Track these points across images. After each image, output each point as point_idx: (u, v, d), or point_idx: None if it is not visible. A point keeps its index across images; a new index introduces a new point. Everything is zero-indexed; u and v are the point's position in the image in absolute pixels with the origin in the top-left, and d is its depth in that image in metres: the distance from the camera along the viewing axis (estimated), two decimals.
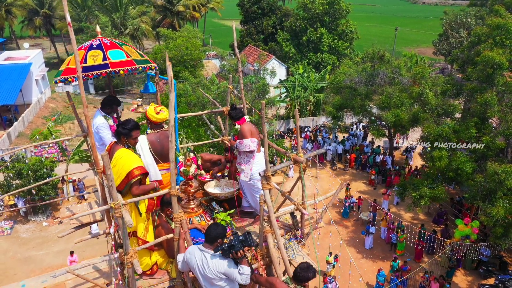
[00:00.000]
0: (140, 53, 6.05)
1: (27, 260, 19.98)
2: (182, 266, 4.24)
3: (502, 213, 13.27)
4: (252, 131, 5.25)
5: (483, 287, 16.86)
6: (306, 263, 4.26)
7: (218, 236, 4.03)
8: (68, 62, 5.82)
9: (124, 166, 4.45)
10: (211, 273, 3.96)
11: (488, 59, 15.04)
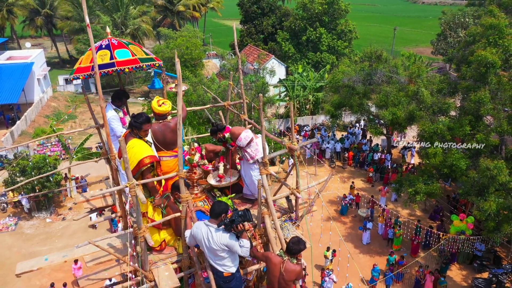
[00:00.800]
0: (145, 52, 6.45)
1: (31, 256, 20.33)
2: (189, 240, 4.69)
3: (494, 208, 13.69)
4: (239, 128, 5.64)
5: (477, 281, 17.27)
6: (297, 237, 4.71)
7: (221, 212, 4.48)
8: (80, 61, 6.24)
9: (135, 155, 4.89)
10: (215, 245, 4.41)
11: (481, 58, 15.47)
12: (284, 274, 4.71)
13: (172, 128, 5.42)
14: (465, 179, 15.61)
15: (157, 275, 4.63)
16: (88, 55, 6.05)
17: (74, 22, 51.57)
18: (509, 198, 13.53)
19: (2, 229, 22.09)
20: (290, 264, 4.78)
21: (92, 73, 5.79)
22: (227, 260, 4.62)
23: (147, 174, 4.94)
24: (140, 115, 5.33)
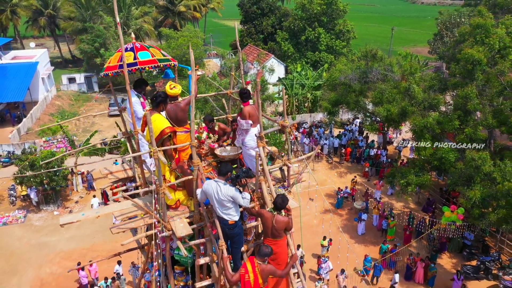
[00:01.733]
0: (163, 54, 7.42)
1: (40, 246, 21.29)
2: (201, 196, 5.61)
3: (479, 196, 14.57)
4: (250, 113, 6.53)
5: (465, 267, 18.17)
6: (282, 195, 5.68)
7: (228, 171, 5.41)
8: (109, 61, 7.24)
9: (158, 126, 5.83)
10: (223, 196, 5.34)
11: (468, 56, 16.35)
12: (275, 225, 5.63)
13: (182, 107, 6.34)
14: (453, 170, 16.51)
15: (174, 226, 5.56)
16: (115, 56, 7.03)
17: (77, 23, 52.36)
18: (493, 187, 14.42)
19: (12, 221, 22.98)
20: (280, 217, 5.71)
21: (119, 70, 6.74)
22: (231, 210, 5.51)
23: (167, 142, 5.89)
24: (159, 95, 6.32)
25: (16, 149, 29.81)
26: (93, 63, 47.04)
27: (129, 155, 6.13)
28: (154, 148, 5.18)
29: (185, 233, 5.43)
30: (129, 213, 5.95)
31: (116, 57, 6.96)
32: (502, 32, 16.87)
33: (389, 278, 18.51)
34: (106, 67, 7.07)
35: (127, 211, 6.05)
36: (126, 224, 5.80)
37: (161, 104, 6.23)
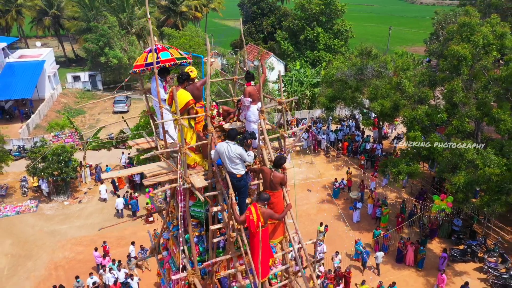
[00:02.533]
0: (180, 53, 8.63)
1: (53, 233, 22.48)
2: (214, 156, 6.79)
3: (463, 181, 15.74)
4: (251, 93, 7.70)
5: (453, 251, 19.37)
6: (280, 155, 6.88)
7: (235, 134, 6.61)
8: (137, 60, 8.46)
9: (184, 99, 7.06)
10: (232, 154, 6.52)
11: (454, 53, 17.53)
12: (273, 179, 6.83)
13: (197, 87, 7.52)
14: (441, 159, 17.68)
15: (193, 180, 6.74)
16: (142, 56, 8.29)
17: (81, 22, 53.54)
18: (475, 172, 15.59)
19: (25, 211, 24.17)
20: (277, 173, 6.92)
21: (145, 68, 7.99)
22: (239, 165, 6.68)
23: (191, 111, 7.14)
24: (184, 74, 7.59)
25: (25, 144, 31.01)
26: (97, 62, 48.21)
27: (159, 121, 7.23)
28: (178, 117, 6.37)
29: (201, 185, 6.62)
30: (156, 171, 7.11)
31: (142, 57, 8.19)
32: (487, 30, 18.06)
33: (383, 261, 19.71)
34: (134, 65, 8.30)
35: (154, 170, 7.21)
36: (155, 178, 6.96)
37: (185, 81, 7.49)
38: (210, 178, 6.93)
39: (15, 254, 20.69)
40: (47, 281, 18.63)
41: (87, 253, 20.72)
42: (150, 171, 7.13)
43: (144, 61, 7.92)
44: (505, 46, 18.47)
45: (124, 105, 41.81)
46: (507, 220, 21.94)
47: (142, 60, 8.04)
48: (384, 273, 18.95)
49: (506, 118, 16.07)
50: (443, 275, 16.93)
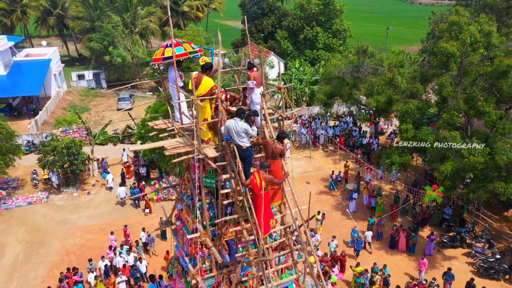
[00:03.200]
0: (193, 47, 9.69)
1: (63, 222, 23.62)
2: (224, 131, 7.89)
3: (450, 169, 16.85)
4: (254, 77, 8.79)
5: (443, 237, 20.51)
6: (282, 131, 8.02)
7: (242, 112, 7.70)
8: (155, 54, 9.49)
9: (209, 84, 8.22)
10: (239, 128, 7.62)
11: (443, 50, 18.64)
12: (274, 150, 7.96)
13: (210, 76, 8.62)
14: (430, 150, 18.80)
15: (206, 151, 7.83)
16: (160, 51, 9.31)
17: (86, 22, 54.67)
18: (462, 161, 16.70)
19: (36, 201, 25.30)
20: (277, 145, 8.06)
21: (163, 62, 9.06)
22: (245, 139, 7.77)
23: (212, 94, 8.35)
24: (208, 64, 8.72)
25: (34, 139, 32.15)
26: (101, 61, 49.37)
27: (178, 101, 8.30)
28: (194, 97, 7.49)
29: (213, 155, 7.72)
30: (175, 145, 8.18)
31: (160, 51, 9.25)
32: (474, 29, 19.16)
33: (375, 247, 20.85)
34: (153, 59, 9.37)
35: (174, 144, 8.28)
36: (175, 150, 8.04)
37: (208, 70, 8.66)
38: (220, 151, 8.03)
39: (29, 241, 21.82)
40: (59, 265, 19.73)
41: (97, 240, 21.87)
42: (170, 144, 8.21)
43: (161, 55, 8.99)
44: (492, 44, 19.60)
45: (128, 102, 42.96)
46: (495, 209, 23.10)
47: (160, 54, 9.10)
48: (378, 258, 20.04)
49: (491, 110, 17.19)
50: (424, 259, 18.03)
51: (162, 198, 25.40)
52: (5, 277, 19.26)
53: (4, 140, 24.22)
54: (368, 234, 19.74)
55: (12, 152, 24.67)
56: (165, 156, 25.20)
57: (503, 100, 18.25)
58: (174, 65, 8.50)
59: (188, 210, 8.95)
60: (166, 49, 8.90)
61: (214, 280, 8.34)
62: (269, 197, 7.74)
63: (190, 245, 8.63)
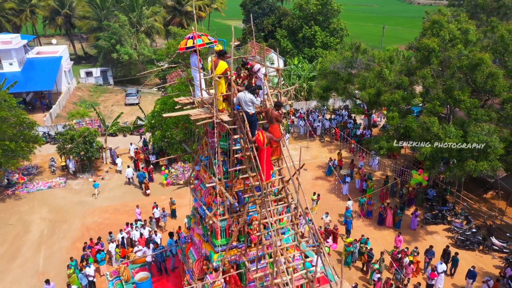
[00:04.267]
0: (209, 38, 11.76)
1: (81, 203, 25.83)
2: (236, 101, 10.03)
3: (429, 150, 19.03)
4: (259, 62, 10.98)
5: (426, 215, 22.73)
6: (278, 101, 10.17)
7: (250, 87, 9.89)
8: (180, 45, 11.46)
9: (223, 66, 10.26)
10: (247, 98, 9.76)
11: (424, 45, 20.85)
12: (271, 114, 10.11)
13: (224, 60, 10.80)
14: (414, 134, 20.99)
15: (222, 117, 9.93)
16: (184, 42, 11.31)
17: (93, 21, 56.94)
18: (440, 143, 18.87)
19: (55, 186, 27.53)
20: (274, 111, 10.20)
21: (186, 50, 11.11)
22: (251, 107, 9.86)
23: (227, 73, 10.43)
24: (223, 51, 10.76)
25: (50, 130, 34.39)
26: (109, 58, 51.62)
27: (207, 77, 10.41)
28: (214, 75, 9.67)
29: (227, 120, 9.84)
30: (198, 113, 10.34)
31: (183, 42, 11.29)
32: (453, 27, 21.35)
33: (365, 224, 23.08)
34: (178, 48, 11.43)
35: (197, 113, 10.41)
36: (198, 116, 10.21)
37: (222, 55, 10.74)
38: (232, 117, 10.15)
39: (52, 219, 24.06)
40: (81, 239, 21.93)
41: (113, 218, 24.09)
42: (194, 113, 10.36)
43: (185, 45, 11.11)
44: (469, 40, 21.81)
45: (135, 97, 45.17)
46: (475, 191, 25.33)
47: (184, 44, 11.21)
48: (367, 233, 22.21)
49: (466, 99, 19.37)
50: (400, 236, 20.18)
51: (171, 182, 27.60)
52: (33, 248, 21.51)
53: (26, 129, 26.43)
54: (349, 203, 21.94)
55: (33, 140, 26.86)
56: (173, 144, 27.65)
57: (477, 90, 20.45)
58: (197, 53, 10.64)
59: (205, 168, 11.10)
60: (188, 40, 11.01)
61: (226, 222, 10.50)
62: (270, 152, 9.88)
63: (207, 196, 10.79)
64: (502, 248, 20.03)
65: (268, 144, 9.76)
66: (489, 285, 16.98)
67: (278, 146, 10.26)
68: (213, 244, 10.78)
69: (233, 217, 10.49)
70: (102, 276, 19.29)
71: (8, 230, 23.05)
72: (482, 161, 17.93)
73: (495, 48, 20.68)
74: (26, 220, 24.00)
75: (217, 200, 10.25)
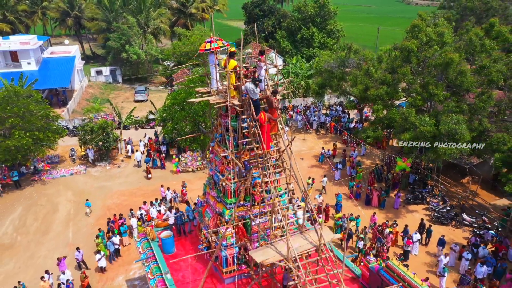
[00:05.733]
0: (223, 43, 14.62)
1: (101, 188, 28.87)
2: (243, 89, 12.99)
3: (407, 137, 22.03)
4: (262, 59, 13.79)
5: (408, 196, 25.76)
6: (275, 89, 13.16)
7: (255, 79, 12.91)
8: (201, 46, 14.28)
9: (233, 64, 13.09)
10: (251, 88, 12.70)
11: (404, 46, 23.85)
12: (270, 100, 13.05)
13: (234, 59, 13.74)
14: (395, 125, 24.02)
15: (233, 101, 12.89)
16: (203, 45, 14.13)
17: (102, 23, 59.96)
18: (416, 130, 21.86)
19: (77, 173, 30.57)
20: (272, 97, 13.13)
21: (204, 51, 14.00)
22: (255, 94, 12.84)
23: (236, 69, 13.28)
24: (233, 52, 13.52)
25: (68, 124, 37.45)
26: (117, 58, 54.64)
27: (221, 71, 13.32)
28: (227, 70, 12.65)
29: (237, 104, 12.81)
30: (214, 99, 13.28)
31: (203, 45, 14.12)
32: (430, 30, 24.36)
33: (354, 204, 26.09)
34: (199, 49, 14.27)
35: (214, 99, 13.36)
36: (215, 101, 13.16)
37: (234, 55, 13.59)
38: (241, 102, 13.08)
39: (76, 201, 27.10)
40: (103, 217, 24.93)
41: (130, 200, 27.08)
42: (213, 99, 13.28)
43: (204, 47, 14.05)
44: (446, 42, 24.84)
45: (144, 95, 48.24)
46: (454, 177, 28.32)
47: (203, 47, 14.14)
48: (356, 212, 25.20)
49: (439, 93, 22.41)
50: (375, 216, 23.10)
51: (181, 170, 30.64)
52: (63, 225, 24.56)
53: (52, 121, 29.49)
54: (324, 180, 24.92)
55: (57, 132, 29.91)
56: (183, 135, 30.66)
57: (450, 85, 23.49)
58: (215, 53, 13.62)
59: (219, 144, 14.08)
60: (207, 44, 14.00)
61: (235, 185, 13.46)
62: (269, 128, 12.83)
63: (221, 165, 13.76)
64: (471, 223, 23.05)
65: (268, 122, 12.74)
66: (455, 250, 20.03)
67: (275, 124, 13.24)
68: (225, 202, 13.78)
69: (240, 181, 13.46)
70: (125, 246, 22.39)
71: (39, 209, 26.10)
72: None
73: (466, 49, 23.72)
74: (53, 201, 27.04)
75: (229, 167, 13.25)
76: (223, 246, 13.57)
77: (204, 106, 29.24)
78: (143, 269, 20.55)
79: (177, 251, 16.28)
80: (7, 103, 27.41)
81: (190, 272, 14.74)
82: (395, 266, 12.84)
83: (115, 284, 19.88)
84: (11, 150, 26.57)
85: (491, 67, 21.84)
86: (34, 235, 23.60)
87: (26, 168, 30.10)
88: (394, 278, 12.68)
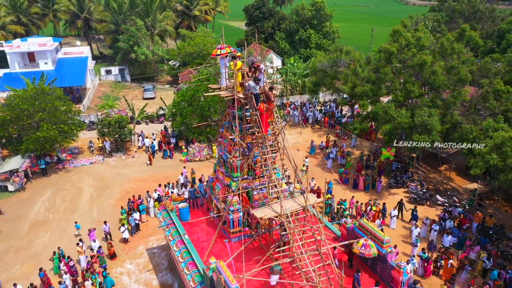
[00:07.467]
0: (230, 49, 17.93)
1: (118, 175, 32.35)
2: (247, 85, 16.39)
3: (388, 128, 25.53)
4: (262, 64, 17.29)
5: (390, 181, 29.24)
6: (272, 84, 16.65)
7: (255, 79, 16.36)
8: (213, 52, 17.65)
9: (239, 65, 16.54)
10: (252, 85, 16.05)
11: (385, 49, 27.32)
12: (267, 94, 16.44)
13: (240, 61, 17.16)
14: (379, 118, 27.49)
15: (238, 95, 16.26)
16: (215, 50, 17.49)
17: (111, 25, 63.41)
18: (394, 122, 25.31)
19: (95, 162, 34.08)
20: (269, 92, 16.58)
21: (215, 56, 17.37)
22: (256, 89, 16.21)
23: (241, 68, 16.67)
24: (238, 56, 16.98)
25: (84, 119, 40.95)
26: (126, 58, 58.08)
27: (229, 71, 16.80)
28: (235, 70, 16.10)
29: (242, 97, 16.23)
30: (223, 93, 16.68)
31: (215, 51, 17.44)
32: (409, 35, 27.82)
33: (342, 188, 29.55)
34: (212, 54, 17.58)
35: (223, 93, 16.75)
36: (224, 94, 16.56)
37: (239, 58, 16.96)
38: (245, 95, 16.48)
39: (97, 186, 30.61)
40: (122, 199, 28.39)
41: (145, 185, 30.47)
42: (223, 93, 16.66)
43: (215, 53, 17.41)
44: (424, 45, 28.31)
45: (152, 92, 51.75)
46: (433, 165, 31.77)
47: (215, 52, 17.49)
48: (344, 196, 28.68)
49: (415, 89, 25.89)
50: (353, 199, 26.44)
51: (189, 159, 34.12)
52: (87, 205, 28.07)
53: (74, 115, 33.01)
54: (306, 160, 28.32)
55: (79, 125, 33.41)
56: (191, 128, 34.17)
57: (425, 83, 26.96)
58: (224, 59, 17.03)
59: (227, 129, 17.53)
60: (217, 50, 17.43)
61: (240, 162, 16.89)
62: (267, 116, 16.28)
63: (228, 146, 17.19)
64: (443, 202, 26.55)
65: (266, 111, 16.21)
66: (426, 224, 23.53)
67: (272, 113, 16.70)
68: (232, 176, 17.26)
69: (244, 158, 16.94)
70: (143, 222, 25.90)
71: (65, 193, 29.60)
72: (424, 135, 24.45)
73: (439, 52, 27.22)
74: (77, 186, 30.55)
75: (235, 148, 16.73)
76: (230, 210, 17.08)
77: (210, 102, 32.75)
78: (160, 240, 24.23)
79: (192, 219, 19.81)
80: (35, 99, 30.91)
81: (204, 234, 18.25)
82: (365, 224, 16.33)
83: (137, 252, 23.41)
84: (40, 141, 30.08)
85: (459, 67, 25.33)
86: (63, 214, 27.11)
87: (50, 158, 33.58)
88: (364, 233, 16.16)
